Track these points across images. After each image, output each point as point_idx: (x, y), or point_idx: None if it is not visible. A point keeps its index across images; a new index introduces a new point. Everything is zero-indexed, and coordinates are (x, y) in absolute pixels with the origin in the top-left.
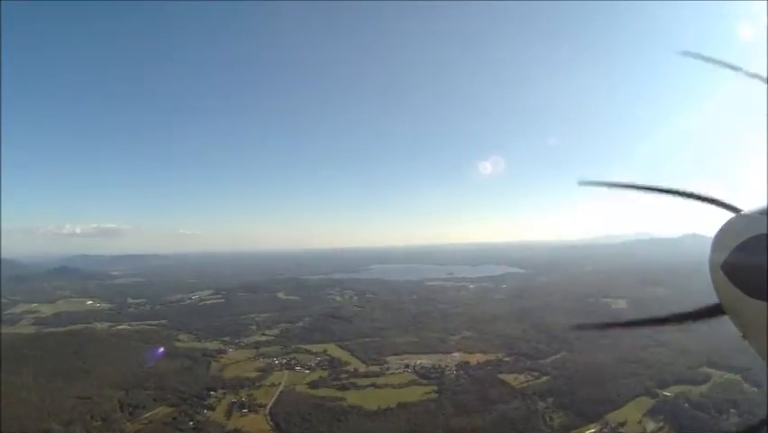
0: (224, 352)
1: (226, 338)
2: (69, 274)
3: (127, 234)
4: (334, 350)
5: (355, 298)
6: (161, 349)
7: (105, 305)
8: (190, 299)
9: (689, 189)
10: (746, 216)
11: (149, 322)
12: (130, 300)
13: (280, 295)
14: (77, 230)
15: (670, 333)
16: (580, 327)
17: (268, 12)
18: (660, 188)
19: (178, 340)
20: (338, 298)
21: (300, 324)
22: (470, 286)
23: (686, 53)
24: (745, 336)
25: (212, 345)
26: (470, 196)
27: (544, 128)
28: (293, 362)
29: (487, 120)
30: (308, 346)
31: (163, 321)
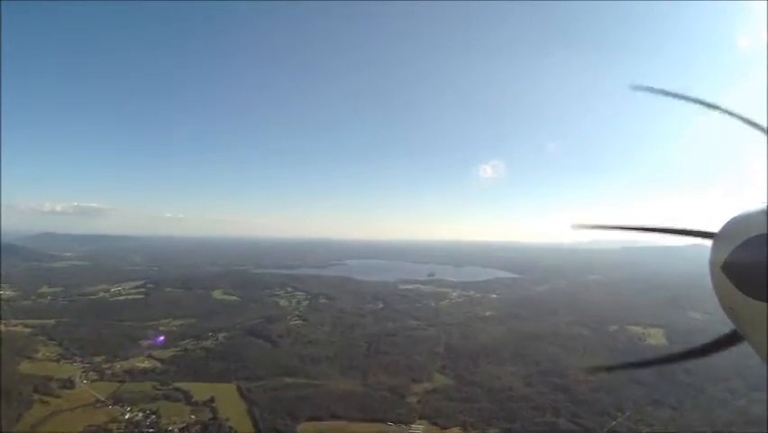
0: (72, 385)
1: (99, 358)
2: (12, 254)
3: (109, 215)
4: (227, 398)
5: (304, 303)
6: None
7: (9, 293)
8: (108, 291)
9: (675, 226)
10: (746, 216)
11: (31, 322)
12: (44, 289)
13: (216, 294)
14: (58, 208)
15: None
16: (594, 370)
17: (272, 7)
18: (648, 227)
19: (33, 357)
20: (283, 302)
21: (208, 342)
22: (453, 294)
23: (637, 87)
24: (744, 337)
25: (68, 370)
26: (461, 193)
27: (539, 129)
28: (149, 421)
29: (484, 121)
30: (194, 386)
31: (50, 321)
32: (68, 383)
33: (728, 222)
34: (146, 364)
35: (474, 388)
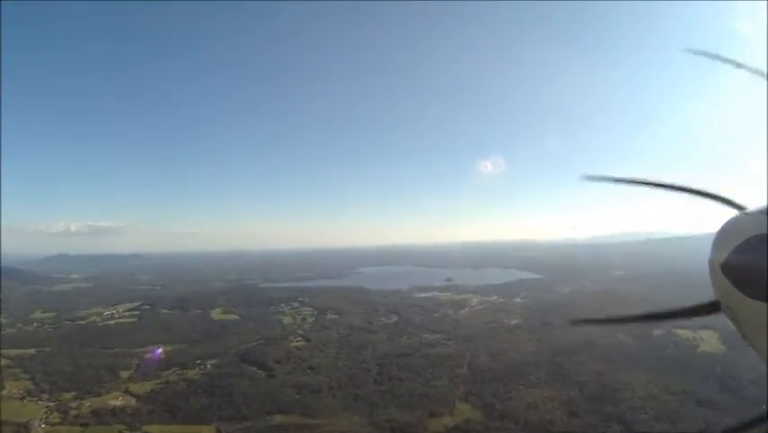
0: (27, 431)
1: (69, 395)
2: (12, 277)
3: (125, 233)
4: None
5: (310, 320)
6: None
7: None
8: (100, 315)
9: (693, 186)
10: (746, 216)
11: (12, 352)
12: (36, 315)
13: (214, 313)
14: (72, 228)
15: None
16: (575, 323)
17: (271, 10)
18: (665, 184)
19: None
20: (287, 319)
21: (195, 372)
22: (473, 300)
23: (690, 50)
24: (744, 337)
25: (31, 410)
26: (473, 194)
27: (546, 125)
28: None
29: (489, 118)
30: (166, 430)
31: (30, 351)
32: (23, 429)
33: (728, 221)
34: (119, 402)
35: (507, 422)
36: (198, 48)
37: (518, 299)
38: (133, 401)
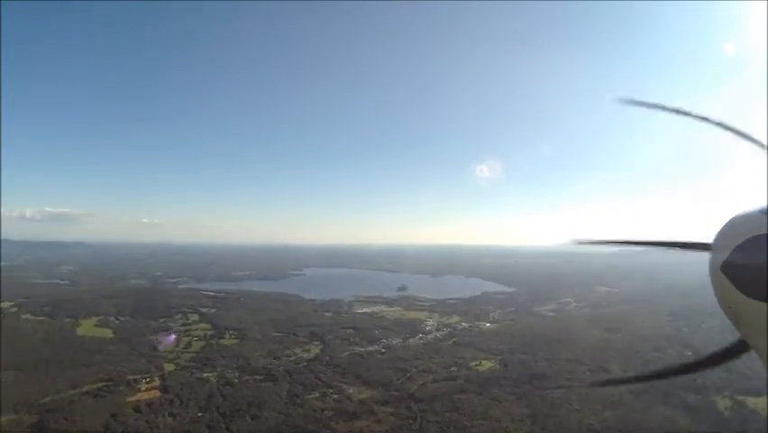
0: None
1: None
2: None
3: (83, 221)
4: None
5: (196, 346)
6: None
7: None
8: None
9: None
10: (746, 216)
11: None
12: None
13: (86, 325)
14: (27, 213)
15: None
16: (594, 384)
17: (264, 7)
18: (644, 241)
19: None
20: (163, 346)
21: None
22: (429, 322)
23: (628, 101)
24: (744, 337)
25: None
26: (443, 195)
27: (526, 129)
28: None
29: (469, 120)
30: None
31: None
32: None
33: (728, 222)
34: None
35: None
36: (166, 40)
37: (488, 324)
38: None
